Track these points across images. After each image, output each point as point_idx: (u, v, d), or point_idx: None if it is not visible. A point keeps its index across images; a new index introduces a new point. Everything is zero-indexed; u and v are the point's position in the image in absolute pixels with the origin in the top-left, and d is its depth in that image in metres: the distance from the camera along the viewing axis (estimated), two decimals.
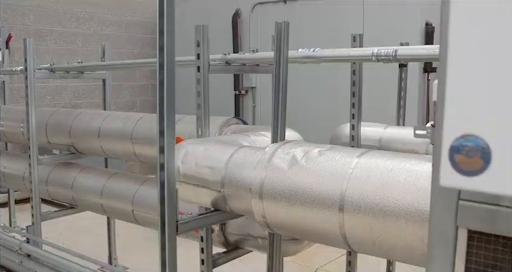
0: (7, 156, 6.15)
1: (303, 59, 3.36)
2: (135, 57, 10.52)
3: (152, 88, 11.03)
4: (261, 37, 8.48)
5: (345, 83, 7.28)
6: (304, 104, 7.61)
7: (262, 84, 8.51)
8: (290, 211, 2.32)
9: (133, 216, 4.30)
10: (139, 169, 10.23)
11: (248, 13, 8.70)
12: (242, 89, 8.59)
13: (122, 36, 10.43)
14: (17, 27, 8.90)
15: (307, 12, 7.90)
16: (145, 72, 10.76)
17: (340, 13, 7.69)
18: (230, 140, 3.03)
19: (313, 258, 5.82)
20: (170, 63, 2.39)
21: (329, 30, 7.56)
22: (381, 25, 7.13)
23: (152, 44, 10.96)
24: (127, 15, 10.51)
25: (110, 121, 4.51)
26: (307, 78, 7.52)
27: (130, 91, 10.57)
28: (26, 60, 4.85)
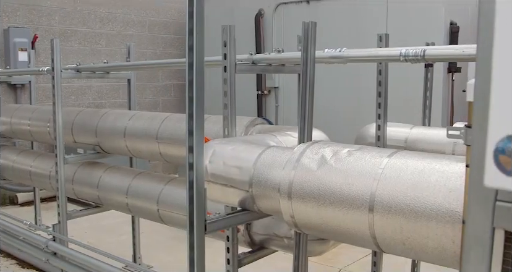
0: (33, 155, 6.23)
1: (329, 59, 3.34)
2: (157, 57, 10.59)
3: (175, 88, 11.08)
4: (284, 37, 8.48)
5: (368, 83, 7.29)
6: (327, 104, 7.59)
7: (285, 84, 8.51)
8: (320, 211, 2.31)
9: (158, 215, 4.33)
10: (162, 169, 10.29)
11: (271, 13, 8.70)
12: (265, 89, 8.59)
13: (145, 37, 10.50)
14: (42, 28, 9.00)
15: (330, 12, 7.88)
16: (167, 72, 10.82)
17: (363, 13, 7.65)
18: (257, 140, 3.04)
19: (337, 259, 5.81)
20: (200, 63, 2.40)
21: (352, 30, 7.54)
22: (404, 24, 7.08)
23: (175, 45, 11.03)
24: (150, 15, 10.58)
25: (135, 121, 4.55)
26: (329, 78, 7.50)
27: (153, 91, 10.64)
28: (53, 61, 4.90)
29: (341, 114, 7.61)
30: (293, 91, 8.22)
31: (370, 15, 7.56)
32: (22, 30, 8.58)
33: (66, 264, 4.84)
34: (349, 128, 5.83)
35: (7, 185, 8.07)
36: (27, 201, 8.62)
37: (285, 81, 8.50)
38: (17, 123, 6.13)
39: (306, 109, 3.00)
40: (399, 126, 4.37)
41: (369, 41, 6.43)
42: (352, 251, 5.68)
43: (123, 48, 9.91)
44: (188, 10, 2.39)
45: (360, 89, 7.55)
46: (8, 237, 5.66)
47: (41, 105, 7.85)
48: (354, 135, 4.57)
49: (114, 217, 7.06)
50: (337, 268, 5.72)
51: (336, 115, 7.56)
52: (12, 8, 8.63)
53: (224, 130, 3.25)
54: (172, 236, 6.68)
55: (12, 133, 6.36)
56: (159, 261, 5.71)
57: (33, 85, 7.28)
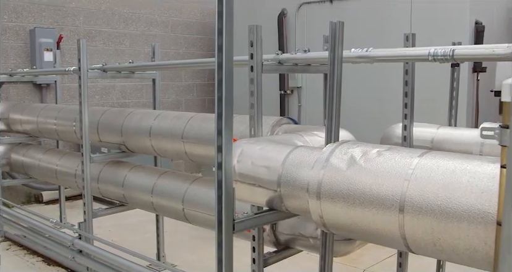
0: (59, 154, 6.30)
1: (356, 58, 3.33)
2: (180, 57, 10.64)
3: (197, 87, 11.13)
4: (306, 37, 8.47)
5: (392, 82, 7.25)
6: (351, 104, 7.56)
7: (308, 84, 8.49)
8: (349, 212, 2.31)
9: (183, 214, 4.35)
10: (184, 168, 10.34)
11: (294, 13, 8.69)
12: (288, 89, 8.59)
13: (168, 37, 10.56)
14: (67, 28, 9.10)
15: (353, 12, 7.85)
16: (190, 72, 10.87)
17: (387, 12, 7.61)
18: (284, 140, 3.04)
19: (360, 259, 5.78)
20: (229, 63, 2.41)
21: (375, 30, 7.50)
22: (429, 24, 7.03)
23: (198, 44, 11.08)
24: (173, 15, 10.64)
25: (161, 120, 4.57)
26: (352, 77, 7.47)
27: (175, 91, 10.70)
28: (80, 60, 4.95)
29: (364, 113, 7.58)
30: (316, 90, 8.19)
31: (393, 15, 7.53)
32: (48, 31, 8.69)
33: (92, 261, 4.89)
34: (373, 128, 5.80)
35: (33, 183, 8.18)
36: (52, 199, 8.73)
37: (308, 81, 8.48)
38: (43, 122, 6.19)
39: (333, 109, 2.99)
40: (425, 126, 4.33)
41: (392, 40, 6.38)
42: (375, 251, 5.66)
43: (147, 48, 10.01)
44: (217, 10, 2.40)
45: (384, 89, 7.51)
46: (35, 235, 5.74)
47: (66, 104, 7.94)
48: (378, 135, 4.54)
49: (137, 216, 7.12)
50: (361, 269, 5.70)
51: (359, 115, 7.53)
52: (37, 9, 8.74)
53: (251, 129, 3.26)
54: (196, 235, 6.71)
55: (38, 132, 6.43)
56: (183, 260, 5.74)
57: (58, 85, 7.36)
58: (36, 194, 8.81)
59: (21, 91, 8.61)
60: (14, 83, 8.40)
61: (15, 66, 8.44)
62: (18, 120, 6.78)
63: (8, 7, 8.44)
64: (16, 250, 6.38)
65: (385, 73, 7.33)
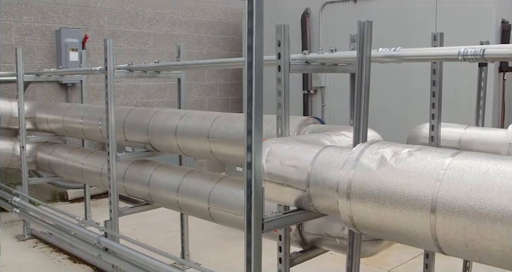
0: (85, 152, 6.36)
1: (384, 58, 3.31)
2: (203, 57, 10.68)
3: (220, 87, 11.16)
4: (330, 36, 8.44)
5: (416, 82, 7.20)
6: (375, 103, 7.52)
7: (331, 83, 8.47)
8: (379, 212, 2.30)
9: (209, 213, 4.36)
10: (207, 167, 10.38)
11: (318, 13, 8.67)
12: (311, 89, 8.57)
13: (192, 36, 10.60)
14: (92, 28, 9.19)
15: (377, 11, 7.80)
16: (213, 72, 10.90)
17: (411, 12, 7.56)
18: (312, 140, 3.03)
19: (384, 260, 5.75)
20: (259, 63, 2.41)
21: (399, 29, 7.45)
22: (454, 23, 6.96)
23: (221, 44, 11.11)
24: (196, 15, 10.68)
25: (187, 120, 4.59)
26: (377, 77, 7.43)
27: (199, 90, 10.74)
28: (107, 60, 5.00)
29: (388, 113, 7.53)
30: (340, 90, 8.19)
31: (418, 15, 7.47)
32: (73, 31, 8.78)
33: (117, 259, 4.92)
34: (398, 128, 5.77)
35: (58, 181, 8.27)
36: (76, 197, 8.83)
37: (331, 81, 8.45)
38: (70, 121, 6.26)
39: (361, 109, 2.98)
40: (453, 126, 4.29)
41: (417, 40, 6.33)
42: (399, 252, 5.63)
43: (170, 48, 10.07)
44: (247, 9, 2.40)
45: (408, 89, 7.46)
46: (61, 232, 5.79)
47: (91, 104, 8.02)
48: (403, 135, 4.51)
49: (161, 215, 7.16)
50: (385, 270, 5.67)
51: (384, 115, 7.49)
52: (63, 9, 8.84)
53: (278, 129, 3.26)
54: (220, 234, 6.74)
55: (65, 131, 6.50)
56: (207, 259, 5.76)
57: (84, 84, 7.44)
58: (61, 192, 8.90)
59: (47, 90, 8.71)
60: (40, 83, 8.50)
61: (41, 66, 8.54)
62: (45, 119, 6.87)
63: (35, 8, 8.55)
64: (42, 247, 6.46)
65: (409, 73, 7.28)
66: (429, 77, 3.86)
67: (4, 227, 7.34)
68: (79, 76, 7.57)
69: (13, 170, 8.26)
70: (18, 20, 8.41)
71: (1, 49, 8.24)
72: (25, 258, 6.08)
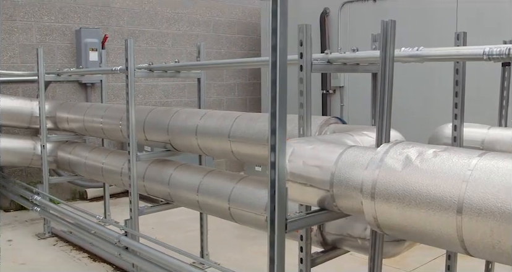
0: (105, 152, 6.40)
1: (407, 58, 3.29)
2: (222, 57, 10.70)
3: (238, 87, 11.17)
4: (349, 36, 8.40)
5: (437, 82, 7.14)
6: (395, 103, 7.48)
7: (350, 83, 8.43)
8: (404, 213, 2.28)
9: (229, 213, 4.36)
10: (225, 167, 10.40)
11: (337, 12, 8.63)
12: (330, 89, 8.54)
13: (210, 36, 10.62)
14: (111, 28, 9.24)
15: (397, 11, 7.75)
16: (232, 72, 10.91)
17: (432, 11, 7.50)
18: (335, 140, 3.02)
19: (404, 261, 5.71)
20: (283, 63, 2.40)
21: (419, 29, 7.39)
22: (475, 23, 6.89)
23: (239, 44, 11.12)
24: (215, 15, 10.70)
25: (207, 119, 4.60)
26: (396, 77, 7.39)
27: (217, 90, 10.76)
28: (127, 60, 5.02)
29: (409, 113, 7.48)
30: (359, 90, 8.15)
31: (438, 14, 7.40)
32: (93, 31, 8.84)
33: (137, 258, 4.94)
34: (418, 128, 5.73)
35: (78, 180, 8.33)
36: (96, 196, 8.89)
37: (350, 81, 8.42)
38: (90, 121, 6.30)
39: (384, 109, 2.97)
40: (475, 126, 4.25)
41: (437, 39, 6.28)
42: (420, 254, 5.59)
43: (189, 48, 10.10)
44: (271, 9, 2.39)
45: (429, 89, 7.41)
46: (81, 231, 5.84)
47: (111, 103, 8.07)
48: (423, 135, 4.47)
49: (180, 214, 7.18)
50: (405, 271, 5.63)
51: (404, 115, 7.44)
52: (83, 9, 8.90)
53: (300, 129, 3.25)
54: (239, 234, 6.74)
55: (85, 130, 6.55)
56: (226, 259, 5.76)
57: (104, 84, 7.49)
58: (81, 191, 8.98)
59: (66, 90, 8.78)
60: (60, 82, 8.58)
61: (61, 66, 8.62)
62: (65, 118, 6.92)
63: (55, 8, 8.62)
64: (62, 245, 6.51)
65: (430, 72, 7.23)
66: (450, 77, 3.83)
67: (24, 225, 7.42)
68: (99, 76, 7.62)
69: (34, 169, 8.35)
70: (39, 20, 8.48)
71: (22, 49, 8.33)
72: (45, 256, 6.13)
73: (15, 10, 8.24)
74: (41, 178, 7.16)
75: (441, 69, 6.69)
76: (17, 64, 8.29)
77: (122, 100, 9.29)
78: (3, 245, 6.55)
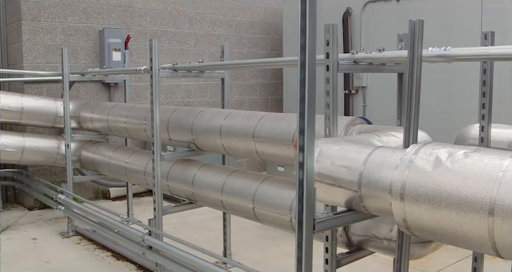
0: (129, 151, 6.44)
1: (435, 58, 3.25)
2: (244, 57, 10.71)
3: (260, 87, 11.17)
4: (372, 36, 8.36)
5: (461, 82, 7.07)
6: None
7: (373, 83, 8.38)
8: (434, 214, 2.26)
9: (253, 213, 4.36)
10: (246, 166, 10.40)
11: (359, 12, 8.59)
12: (352, 89, 8.50)
13: (232, 36, 10.64)
14: (134, 28, 9.30)
15: (420, 11, 7.69)
16: (253, 71, 10.92)
17: (456, 11, 7.42)
18: (362, 140, 3.01)
19: (429, 263, 5.67)
20: (312, 63, 2.40)
21: (444, 29, 7.33)
22: (501, 23, 6.81)
23: (261, 44, 11.12)
24: (237, 15, 10.71)
25: (231, 119, 4.60)
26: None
27: (239, 90, 10.77)
28: (152, 60, 5.05)
29: (433, 114, 7.41)
30: (382, 90, 8.10)
31: (462, 14, 7.33)
32: (116, 31, 8.90)
33: (161, 257, 4.97)
34: (443, 129, 5.68)
35: (101, 180, 8.40)
36: (118, 195, 8.95)
37: (373, 81, 8.37)
38: (114, 120, 6.35)
39: (412, 109, 2.95)
40: (502, 127, 4.19)
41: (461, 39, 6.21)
42: (444, 255, 5.54)
43: (211, 48, 10.13)
44: (300, 9, 2.39)
45: (453, 89, 7.33)
46: (104, 230, 5.88)
47: (134, 103, 8.12)
48: (448, 136, 4.42)
49: (202, 214, 7.21)
50: None
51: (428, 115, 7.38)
52: (106, 10, 8.97)
53: (326, 129, 3.23)
54: (261, 234, 6.75)
55: (109, 130, 6.59)
56: (249, 259, 5.76)
57: (127, 84, 7.54)
58: (104, 190, 9.04)
59: (90, 90, 8.86)
60: (84, 82, 8.65)
61: (84, 66, 8.69)
62: (89, 118, 6.98)
63: (79, 9, 8.70)
64: (86, 244, 6.56)
65: (454, 72, 7.15)
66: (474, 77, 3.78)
67: (48, 224, 7.50)
68: (122, 76, 7.67)
69: (57, 168, 8.44)
70: (63, 20, 8.56)
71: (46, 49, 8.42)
72: (69, 255, 6.18)
73: (40, 11, 8.33)
74: (64, 177, 7.23)
75: (464, 69, 6.62)
76: (41, 64, 8.38)
77: (144, 100, 9.34)
78: (28, 243, 6.63)
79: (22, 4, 8.17)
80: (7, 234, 7.00)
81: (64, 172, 7.42)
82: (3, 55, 8.74)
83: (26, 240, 6.76)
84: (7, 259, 6.02)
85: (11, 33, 8.60)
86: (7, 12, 8.66)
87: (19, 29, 8.26)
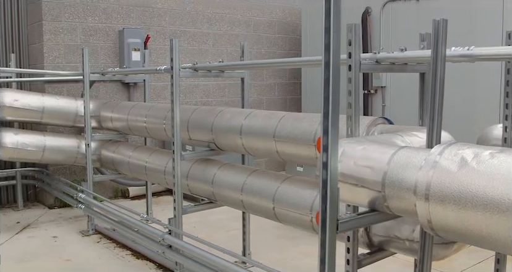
0: (148, 151, 6.47)
1: (458, 57, 3.23)
2: (262, 57, 10.71)
3: (279, 87, 11.17)
4: (391, 36, 8.32)
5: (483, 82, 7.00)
6: None
7: (392, 83, 8.34)
8: (460, 215, 2.24)
9: (273, 213, 4.36)
10: (264, 166, 10.40)
11: (379, 12, 8.55)
12: (371, 89, 8.46)
13: (250, 36, 10.64)
14: (153, 28, 9.35)
15: (441, 11, 7.62)
16: (272, 71, 10.91)
17: (476, 11, 7.35)
18: (385, 140, 2.99)
19: (449, 264, 5.62)
20: (336, 62, 2.39)
21: (464, 28, 7.26)
22: None
23: (279, 44, 11.11)
24: (255, 15, 10.72)
25: (252, 119, 4.60)
26: None
27: (257, 90, 10.77)
28: (172, 60, 5.07)
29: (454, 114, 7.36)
30: (401, 90, 8.05)
31: (483, 14, 7.26)
32: (135, 31, 8.95)
33: (181, 256, 4.98)
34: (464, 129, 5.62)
35: (120, 179, 8.45)
36: (137, 195, 9.00)
37: (392, 81, 8.32)
38: (134, 120, 6.38)
39: (435, 109, 2.93)
40: None
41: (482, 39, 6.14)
42: (464, 257, 5.50)
43: (230, 47, 10.14)
44: (324, 8, 2.38)
45: (474, 89, 7.26)
46: (124, 228, 5.91)
47: (154, 103, 8.16)
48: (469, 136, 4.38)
49: (221, 213, 7.22)
50: None
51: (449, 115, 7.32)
52: (126, 10, 9.02)
53: (348, 129, 3.23)
54: (280, 234, 6.75)
55: (129, 129, 6.63)
56: (268, 259, 5.75)
57: (147, 84, 7.58)
58: (123, 189, 9.10)
59: (109, 89, 8.92)
60: (103, 82, 8.70)
61: (104, 66, 8.75)
62: (109, 117, 7.02)
63: (99, 9, 8.76)
64: (106, 243, 6.61)
65: (474, 72, 7.09)
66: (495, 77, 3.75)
67: (68, 222, 7.56)
68: (142, 76, 7.71)
69: (77, 168, 8.51)
70: (83, 21, 8.63)
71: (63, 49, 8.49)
72: (89, 253, 6.23)
73: (61, 11, 8.40)
74: (83, 176, 7.29)
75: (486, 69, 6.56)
76: (62, 64, 8.45)
77: (163, 100, 9.39)
78: (48, 241, 6.70)
79: (43, 4, 8.25)
80: (28, 232, 7.07)
81: (83, 171, 7.48)
82: (24, 55, 8.83)
83: (46, 238, 6.83)
84: (28, 257, 6.09)
85: (32, 33, 8.69)
86: (28, 12, 8.74)
87: (40, 30, 8.34)
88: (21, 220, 7.70)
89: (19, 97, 7.10)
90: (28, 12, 8.76)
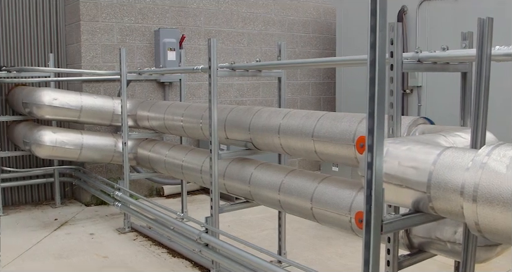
0: (184, 150, 6.51)
1: (502, 56, 3.17)
2: (296, 56, 10.69)
3: (312, 86, 11.13)
4: (428, 34, 8.22)
5: None
6: None
7: (428, 83, 8.23)
8: (509, 217, 2.20)
9: (311, 213, 4.34)
10: (298, 165, 10.38)
11: (415, 10, 8.46)
12: (407, 88, 8.37)
13: (285, 35, 10.63)
14: (188, 28, 9.41)
15: (479, 9, 7.50)
16: (305, 71, 10.89)
17: None
18: (429, 140, 2.95)
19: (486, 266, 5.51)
20: (382, 61, 2.37)
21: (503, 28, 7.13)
22: None
23: (313, 43, 11.08)
24: (289, 14, 10.71)
25: (290, 118, 4.59)
26: None
27: (291, 89, 10.75)
28: (210, 59, 5.09)
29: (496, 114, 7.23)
30: (437, 90, 7.95)
31: None
32: (171, 31, 9.02)
33: (218, 255, 5.00)
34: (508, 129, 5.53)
35: (156, 177, 8.53)
36: (172, 193, 9.08)
37: (428, 80, 8.22)
38: (170, 119, 6.42)
39: (480, 109, 2.88)
40: None
41: None
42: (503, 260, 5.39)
43: (264, 47, 10.16)
44: (370, 7, 2.37)
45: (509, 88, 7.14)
46: (160, 226, 5.96)
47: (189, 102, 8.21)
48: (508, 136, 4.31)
49: (255, 213, 7.25)
50: None
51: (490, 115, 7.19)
52: (162, 10, 9.10)
53: (389, 129, 3.20)
54: (315, 234, 6.73)
55: (165, 128, 6.68)
56: (303, 259, 5.75)
57: (183, 83, 7.63)
58: (158, 188, 9.18)
59: (145, 88, 9.00)
60: (139, 81, 8.80)
61: (140, 65, 8.84)
62: (146, 116, 7.09)
63: (135, 9, 8.85)
64: (142, 240, 6.67)
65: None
66: None
67: (105, 220, 7.66)
68: (177, 75, 7.77)
69: (113, 166, 8.62)
70: (120, 21, 8.73)
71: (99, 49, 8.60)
72: (126, 250, 6.30)
73: (98, 12, 8.52)
74: (119, 174, 7.36)
75: None
76: (99, 64, 8.56)
77: (198, 99, 9.44)
78: (85, 238, 6.79)
79: (81, 5, 8.37)
80: (66, 229, 7.19)
81: (119, 170, 7.57)
82: (62, 55, 8.98)
83: (83, 235, 6.93)
84: (66, 253, 6.18)
85: (70, 34, 8.82)
86: (66, 13, 8.88)
87: (78, 30, 8.47)
88: (59, 217, 7.83)
89: (58, 97, 7.21)
90: (65, 12, 8.90)
